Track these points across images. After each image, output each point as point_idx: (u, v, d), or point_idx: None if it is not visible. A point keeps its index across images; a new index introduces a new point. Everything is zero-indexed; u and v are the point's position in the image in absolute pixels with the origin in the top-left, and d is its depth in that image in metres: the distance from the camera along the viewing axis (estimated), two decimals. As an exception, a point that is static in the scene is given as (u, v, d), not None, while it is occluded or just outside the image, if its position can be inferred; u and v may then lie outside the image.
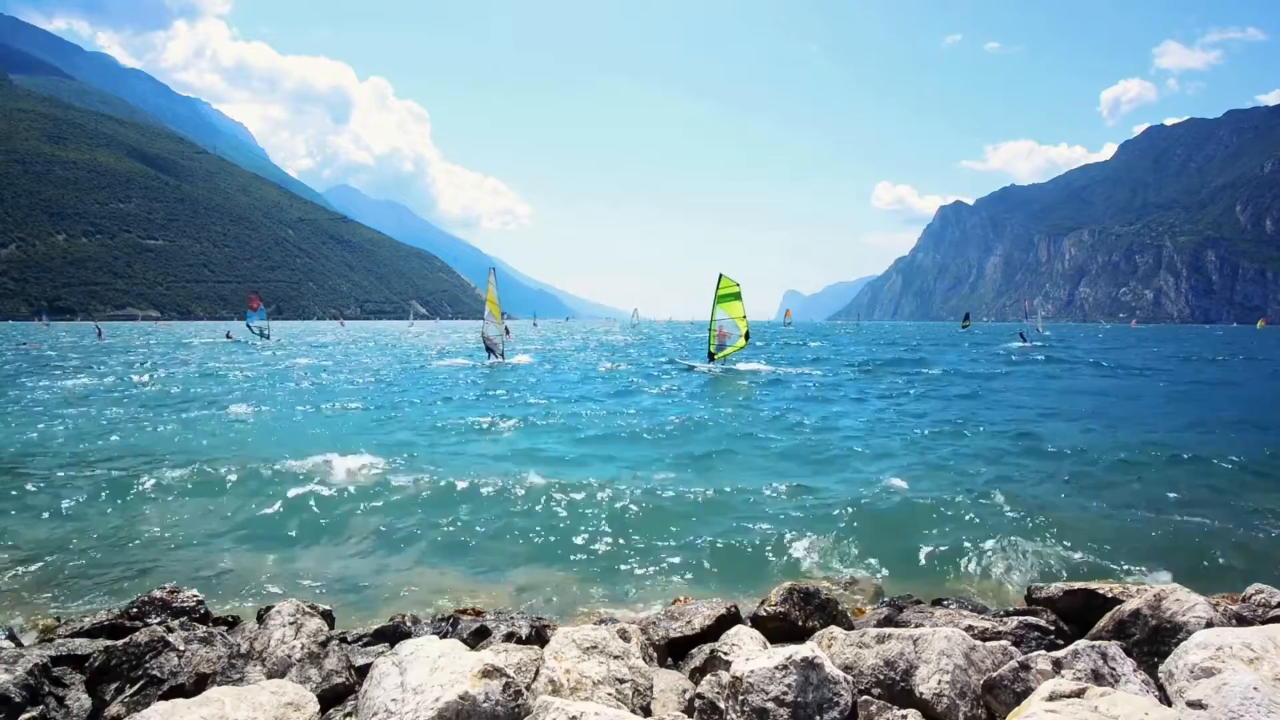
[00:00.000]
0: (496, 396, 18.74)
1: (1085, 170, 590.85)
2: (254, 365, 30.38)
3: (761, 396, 19.05)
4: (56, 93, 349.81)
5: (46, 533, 7.03)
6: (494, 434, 12.87)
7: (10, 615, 5.16)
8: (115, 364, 31.00)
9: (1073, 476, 9.34)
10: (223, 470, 9.43)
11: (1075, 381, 24.12)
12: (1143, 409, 16.88)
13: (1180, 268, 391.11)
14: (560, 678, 3.39)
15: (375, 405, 16.78)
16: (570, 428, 13.38)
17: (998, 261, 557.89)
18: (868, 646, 3.69)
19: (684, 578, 6.19)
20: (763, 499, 8.38)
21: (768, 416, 14.92)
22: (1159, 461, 10.20)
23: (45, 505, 7.90)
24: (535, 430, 13.15)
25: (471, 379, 23.89)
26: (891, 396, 18.93)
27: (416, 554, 6.70)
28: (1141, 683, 3.33)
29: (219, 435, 12.45)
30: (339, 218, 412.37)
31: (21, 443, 11.54)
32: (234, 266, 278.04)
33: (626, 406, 16.60)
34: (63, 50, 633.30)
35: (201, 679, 3.74)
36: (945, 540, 6.89)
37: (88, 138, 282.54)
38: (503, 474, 9.37)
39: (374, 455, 10.11)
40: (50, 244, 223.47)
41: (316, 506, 7.92)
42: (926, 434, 12.75)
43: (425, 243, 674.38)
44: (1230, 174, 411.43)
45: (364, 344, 54.79)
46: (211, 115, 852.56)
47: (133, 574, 6.03)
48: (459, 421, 13.88)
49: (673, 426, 13.23)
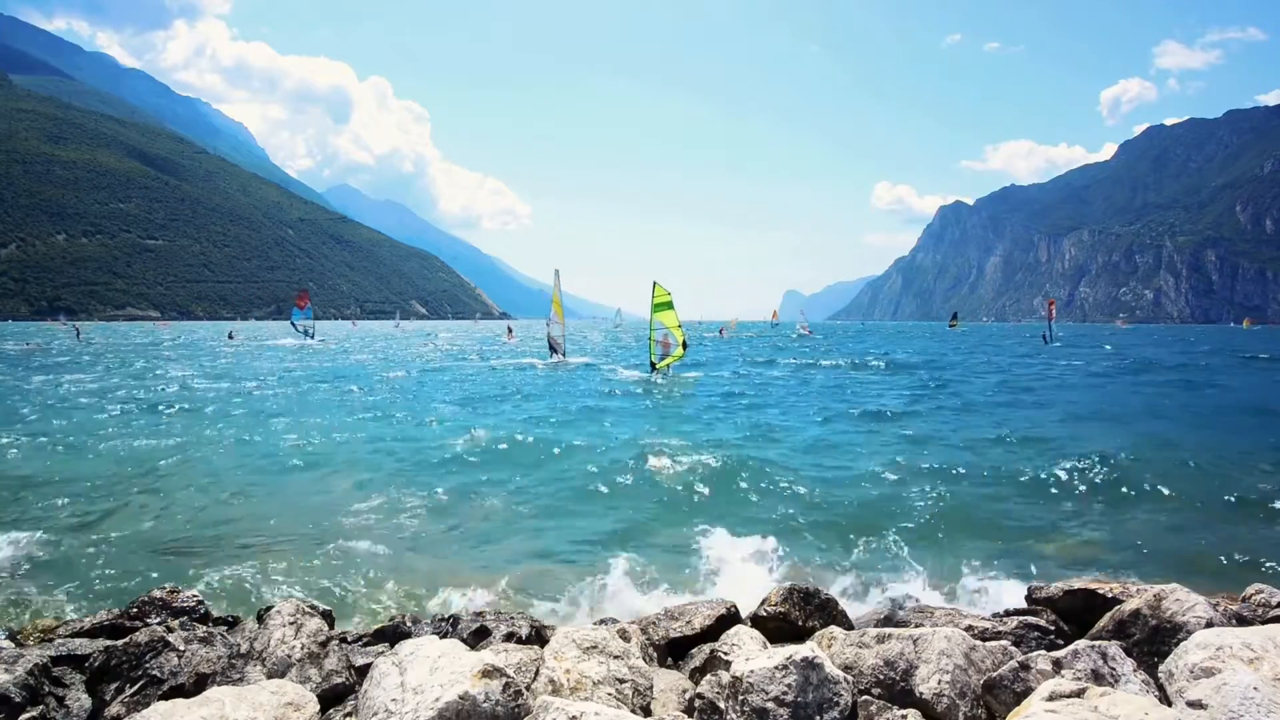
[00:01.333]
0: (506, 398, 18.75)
1: (1085, 170, 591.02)
2: (320, 364, 30.36)
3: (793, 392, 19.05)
4: (56, 93, 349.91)
5: (47, 532, 7.02)
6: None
7: (10, 615, 5.16)
8: (180, 369, 30.89)
9: (1072, 476, 9.33)
10: (223, 470, 9.44)
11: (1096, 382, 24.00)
12: (1142, 409, 16.86)
13: (1180, 268, 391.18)
14: (560, 678, 3.39)
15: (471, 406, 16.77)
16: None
17: (998, 261, 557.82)
18: (868, 646, 3.69)
19: (683, 576, 6.19)
20: (764, 500, 8.38)
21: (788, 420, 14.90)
22: (1159, 462, 10.19)
23: (46, 504, 7.91)
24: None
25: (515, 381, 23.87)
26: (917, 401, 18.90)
27: (417, 554, 6.70)
28: (1141, 683, 3.33)
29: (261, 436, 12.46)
30: (339, 218, 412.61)
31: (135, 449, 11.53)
32: (234, 266, 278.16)
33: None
34: (63, 50, 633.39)
35: (201, 679, 3.74)
36: (945, 540, 6.90)
37: (88, 138, 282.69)
38: (500, 474, 9.38)
39: (372, 456, 10.12)
40: (50, 244, 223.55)
41: (317, 506, 7.92)
42: (926, 437, 12.75)
43: (425, 243, 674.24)
44: (1230, 174, 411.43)
45: (404, 342, 55.21)
46: (211, 115, 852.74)
47: (133, 574, 6.04)
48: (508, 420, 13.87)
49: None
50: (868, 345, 53.02)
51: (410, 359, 35.67)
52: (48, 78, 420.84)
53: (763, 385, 21.96)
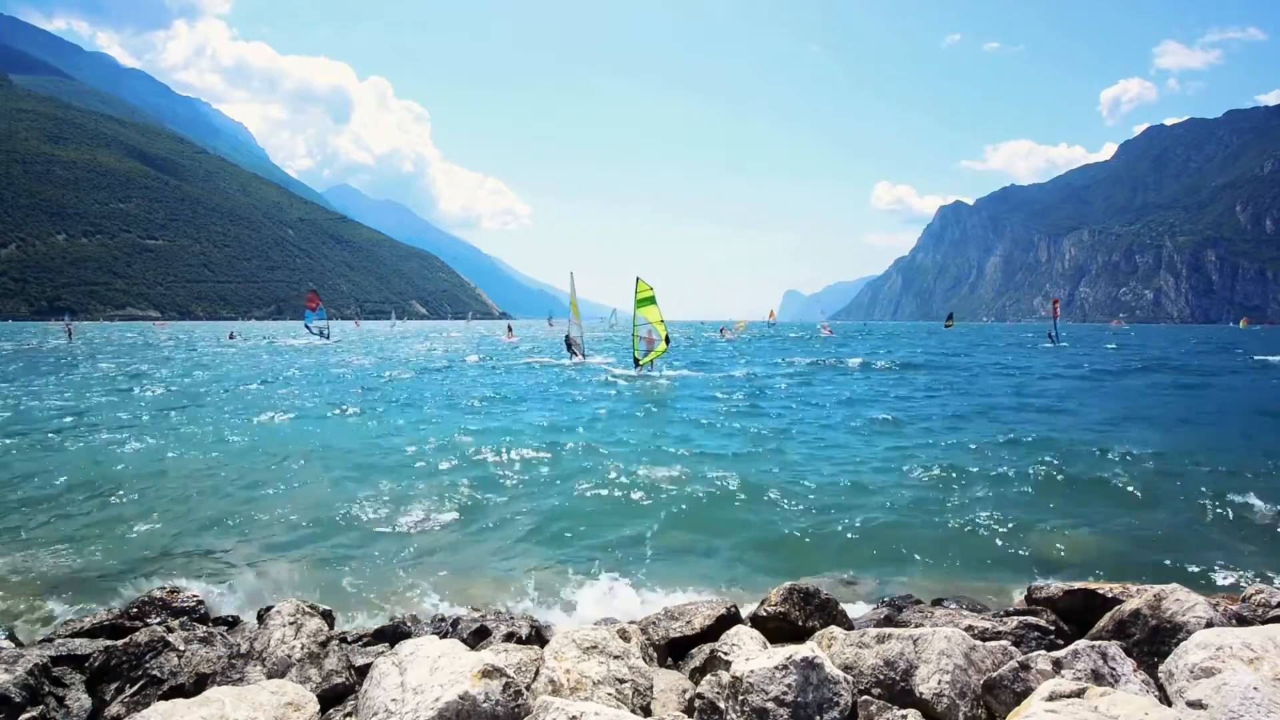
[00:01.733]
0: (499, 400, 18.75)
1: (1085, 170, 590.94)
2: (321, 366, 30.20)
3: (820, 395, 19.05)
4: (56, 93, 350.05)
5: (47, 532, 7.02)
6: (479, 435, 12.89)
7: (10, 615, 5.16)
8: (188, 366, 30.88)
9: (1072, 476, 9.33)
10: (224, 470, 9.44)
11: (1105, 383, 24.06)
12: (1144, 408, 16.86)
13: (1180, 268, 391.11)
14: (560, 678, 3.39)
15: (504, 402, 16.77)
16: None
17: (998, 261, 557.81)
18: (868, 646, 3.69)
19: (683, 577, 6.19)
20: (767, 500, 8.38)
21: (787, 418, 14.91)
22: (1160, 461, 10.19)
23: (46, 504, 7.91)
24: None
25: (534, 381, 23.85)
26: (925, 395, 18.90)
27: (417, 554, 6.70)
28: (1141, 683, 3.33)
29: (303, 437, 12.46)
30: (339, 218, 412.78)
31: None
32: (234, 266, 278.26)
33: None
34: (63, 50, 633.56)
35: (201, 679, 3.74)
36: (945, 539, 6.90)
37: (88, 138, 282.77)
38: (500, 474, 9.38)
39: (371, 457, 10.11)
40: (50, 244, 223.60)
41: (318, 506, 7.92)
42: (926, 437, 12.75)
43: (425, 243, 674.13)
44: (1230, 174, 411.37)
45: (405, 343, 55.02)
46: (211, 115, 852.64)
47: (133, 574, 6.03)
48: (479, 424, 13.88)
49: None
50: (875, 344, 53.08)
51: (411, 358, 35.65)
52: (48, 78, 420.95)
53: (763, 387, 21.96)
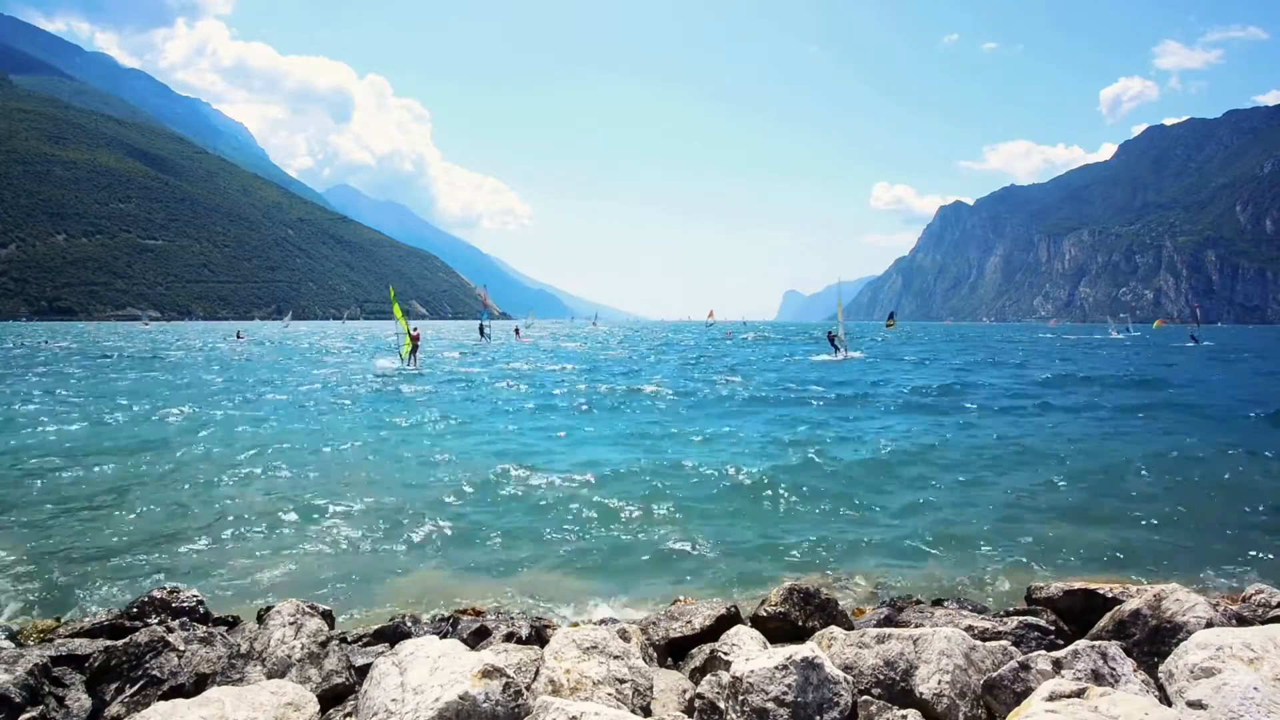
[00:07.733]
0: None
1: (1085, 170, 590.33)
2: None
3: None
4: (56, 93, 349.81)
5: (47, 532, 7.02)
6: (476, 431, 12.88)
7: (10, 615, 5.16)
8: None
9: (1072, 477, 9.33)
10: (224, 471, 9.43)
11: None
12: (1141, 408, 16.86)
13: (1180, 268, 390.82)
14: (560, 678, 3.39)
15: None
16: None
17: (997, 262, 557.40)
18: (868, 646, 3.69)
19: (684, 577, 6.19)
20: (764, 499, 8.38)
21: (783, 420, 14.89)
22: (1159, 461, 10.20)
23: (47, 504, 7.91)
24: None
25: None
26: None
27: (417, 554, 6.70)
28: (1141, 683, 3.33)
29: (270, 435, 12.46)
30: (339, 218, 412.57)
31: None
32: (234, 266, 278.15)
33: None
34: (63, 50, 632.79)
35: (201, 679, 3.74)
36: (945, 540, 6.90)
37: (88, 138, 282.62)
38: (499, 473, 9.37)
39: (372, 455, 10.12)
40: (50, 244, 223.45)
41: (319, 506, 7.92)
42: (927, 437, 12.75)
43: (425, 243, 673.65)
44: (1230, 174, 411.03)
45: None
46: (211, 115, 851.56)
47: (133, 574, 6.03)
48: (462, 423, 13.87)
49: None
50: (883, 344, 53.09)
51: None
52: (48, 78, 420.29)
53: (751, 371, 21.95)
